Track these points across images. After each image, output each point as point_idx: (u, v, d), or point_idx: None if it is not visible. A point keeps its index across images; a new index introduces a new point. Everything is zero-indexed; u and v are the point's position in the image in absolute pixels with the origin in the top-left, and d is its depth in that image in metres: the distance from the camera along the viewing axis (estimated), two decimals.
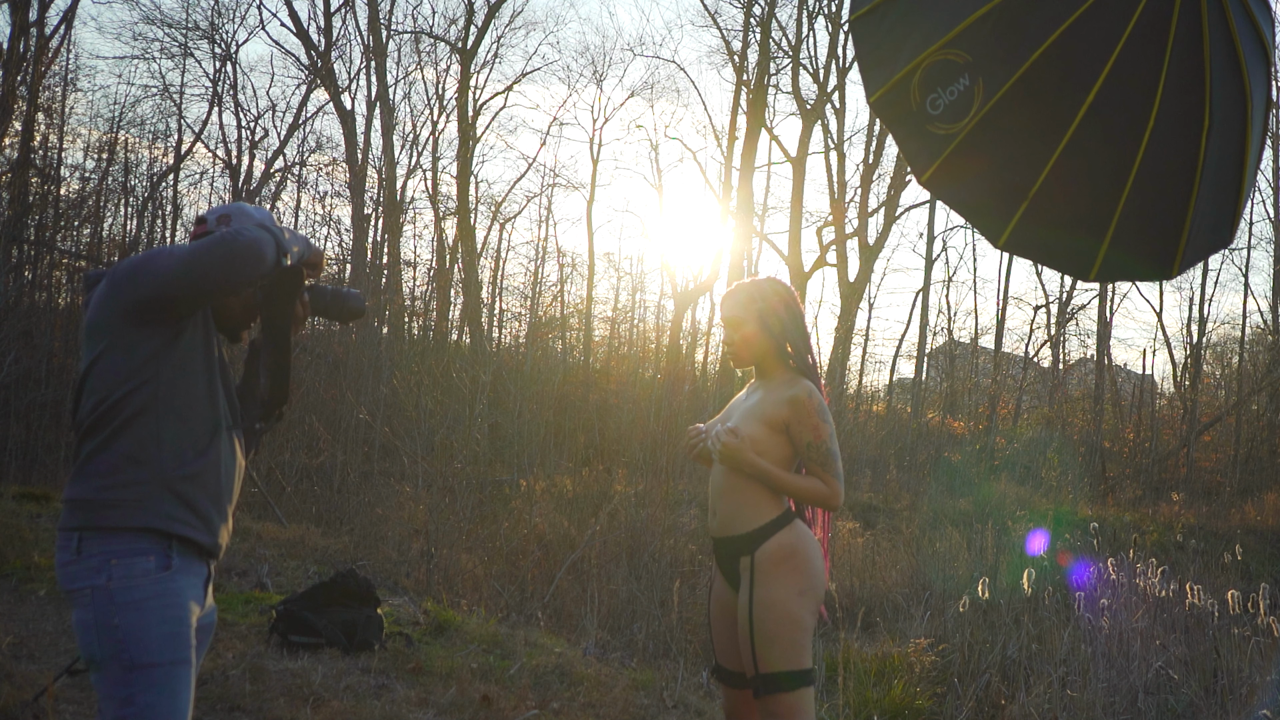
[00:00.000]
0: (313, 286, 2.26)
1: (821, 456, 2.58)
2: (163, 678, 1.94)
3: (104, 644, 1.93)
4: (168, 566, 1.98)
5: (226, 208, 2.20)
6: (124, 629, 1.92)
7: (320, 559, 7.48)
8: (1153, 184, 2.05)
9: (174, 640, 1.97)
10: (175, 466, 2.00)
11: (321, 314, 2.27)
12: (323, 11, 21.23)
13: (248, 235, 1.98)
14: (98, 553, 1.95)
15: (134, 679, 1.92)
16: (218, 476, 2.08)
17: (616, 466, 12.34)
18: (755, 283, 2.77)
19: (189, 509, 2.02)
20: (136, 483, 1.97)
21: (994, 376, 23.47)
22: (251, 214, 2.19)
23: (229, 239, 1.96)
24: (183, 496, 2.01)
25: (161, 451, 1.99)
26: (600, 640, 5.85)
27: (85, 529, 1.96)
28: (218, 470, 2.08)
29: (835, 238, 21.66)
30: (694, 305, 22.67)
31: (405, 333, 19.44)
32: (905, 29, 2.16)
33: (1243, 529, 13.20)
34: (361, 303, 2.31)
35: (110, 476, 1.97)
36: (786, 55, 21.33)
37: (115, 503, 1.96)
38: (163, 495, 1.99)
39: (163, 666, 1.94)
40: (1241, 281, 31.94)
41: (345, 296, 2.29)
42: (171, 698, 1.95)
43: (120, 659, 1.92)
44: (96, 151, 18.64)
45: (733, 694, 2.77)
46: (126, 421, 1.98)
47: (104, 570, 1.94)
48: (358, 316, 2.31)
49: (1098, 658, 5.44)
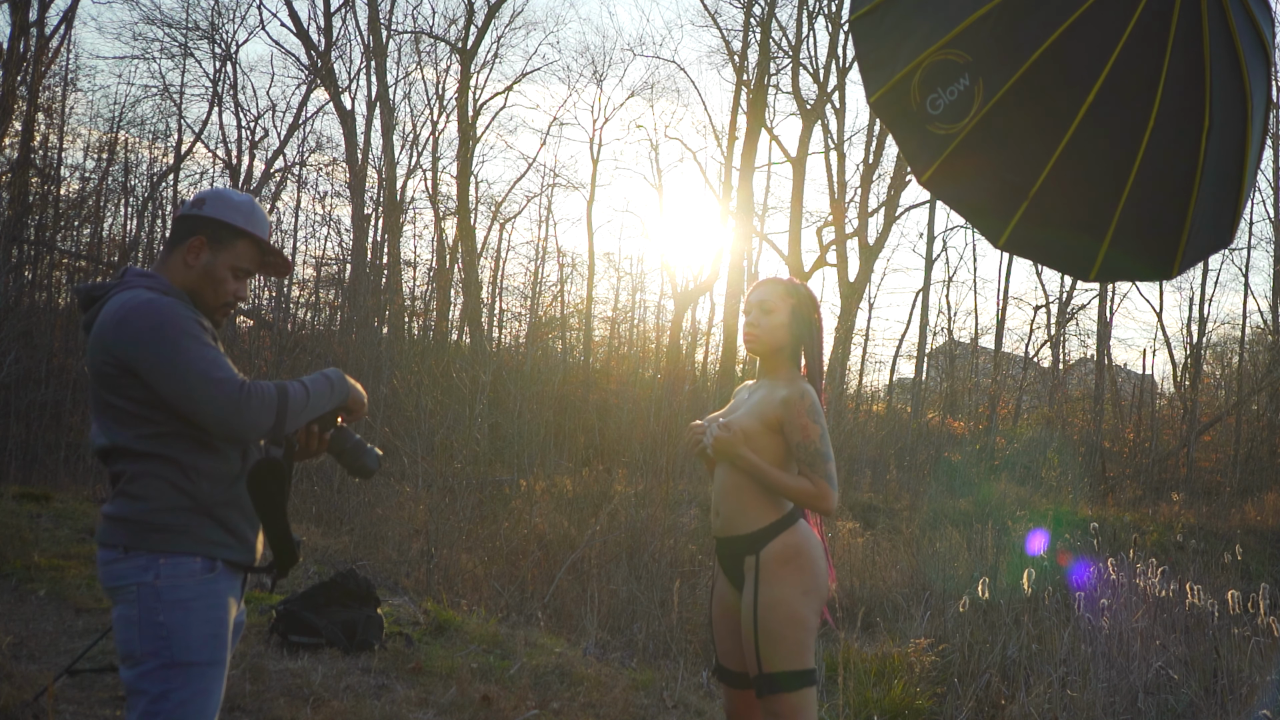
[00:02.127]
0: (340, 429, 2.23)
1: (810, 456, 2.59)
2: (199, 677, 1.99)
3: (146, 640, 1.97)
4: (213, 569, 2.04)
5: (208, 192, 2.18)
6: (169, 626, 1.97)
7: (320, 559, 7.48)
8: (1153, 184, 2.05)
9: (214, 641, 2.02)
10: (213, 493, 2.05)
11: (334, 455, 2.23)
12: (323, 11, 21.24)
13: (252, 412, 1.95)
14: (143, 553, 2.00)
15: (172, 675, 1.96)
16: (248, 496, 2.13)
17: (616, 466, 12.34)
18: (793, 282, 2.82)
19: (229, 532, 2.07)
20: (180, 509, 2.01)
21: (994, 376, 23.47)
22: (230, 201, 2.16)
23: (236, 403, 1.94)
24: (223, 521, 2.06)
25: (200, 480, 2.03)
26: (600, 640, 5.85)
27: (131, 547, 2.00)
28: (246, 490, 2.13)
29: (835, 238, 21.66)
30: (694, 305, 22.71)
31: (405, 333, 19.44)
32: (905, 29, 2.16)
33: (1243, 529, 13.21)
34: (377, 464, 2.25)
35: (154, 501, 2.01)
36: (786, 55, 21.34)
37: (161, 527, 2.00)
38: (205, 522, 2.04)
39: (201, 666, 1.99)
40: (1241, 281, 32.02)
41: (366, 453, 2.23)
42: (205, 697, 2.00)
43: (161, 655, 1.96)
44: (96, 151, 18.66)
45: (734, 694, 2.77)
46: (164, 452, 2.01)
47: (152, 568, 1.98)
48: (366, 477, 2.27)
49: (1098, 658, 5.44)
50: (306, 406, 2.07)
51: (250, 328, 17.81)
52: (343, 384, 2.18)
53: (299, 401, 2.05)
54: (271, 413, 1.99)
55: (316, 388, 2.11)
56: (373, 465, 2.24)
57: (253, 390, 1.96)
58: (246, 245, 2.17)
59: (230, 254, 2.15)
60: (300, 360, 15.15)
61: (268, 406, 1.98)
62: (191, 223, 2.14)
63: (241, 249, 2.16)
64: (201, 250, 2.13)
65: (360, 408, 2.24)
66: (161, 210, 19.66)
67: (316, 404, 2.10)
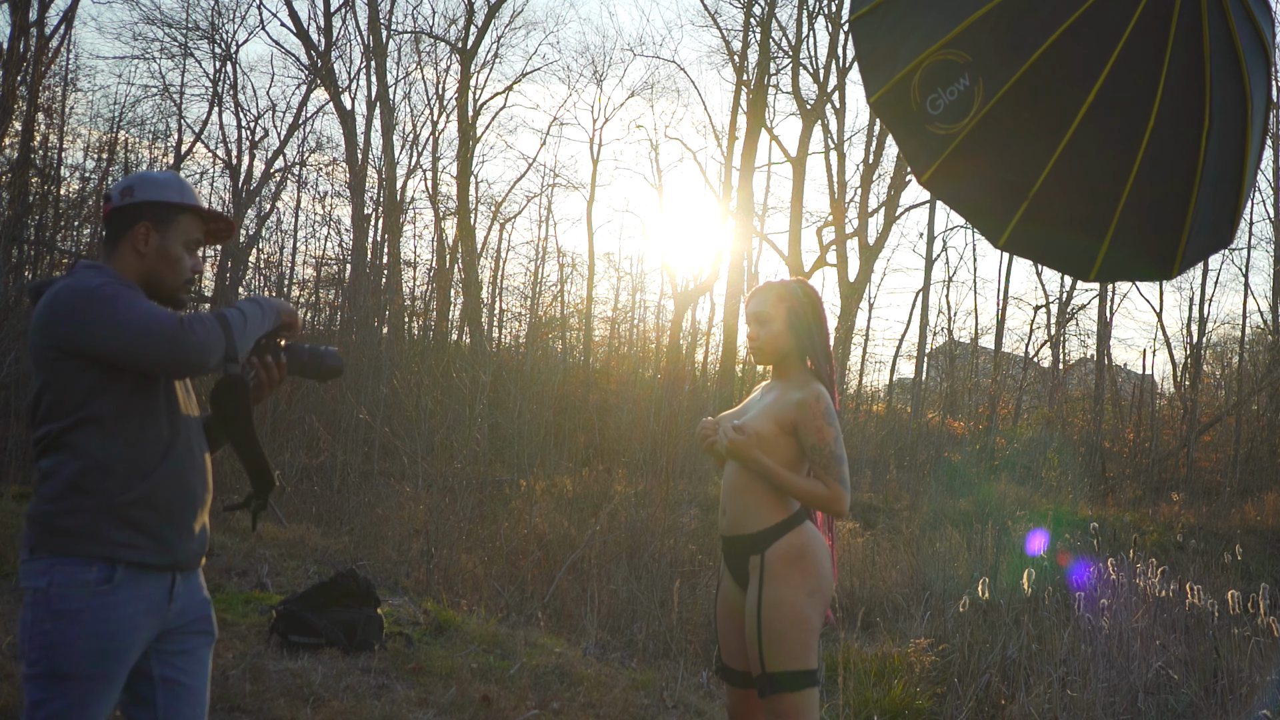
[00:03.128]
0: (290, 345, 2.24)
1: (825, 459, 2.59)
2: (77, 690, 1.94)
3: (32, 647, 1.94)
4: (109, 580, 1.98)
5: (131, 179, 2.17)
6: (53, 636, 1.93)
7: (320, 559, 7.48)
8: (1153, 184, 2.05)
9: (100, 655, 1.96)
10: (121, 492, 1.99)
11: (299, 373, 2.24)
12: (323, 11, 21.26)
13: (198, 338, 1.94)
14: (45, 555, 1.97)
15: (50, 685, 1.93)
16: (172, 493, 2.07)
17: (616, 466, 12.34)
18: (785, 283, 2.80)
19: (138, 532, 2.01)
20: (83, 510, 1.97)
21: (994, 376, 23.47)
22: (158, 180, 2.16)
23: (179, 336, 1.93)
24: (131, 521, 2.00)
25: (108, 480, 1.98)
26: (600, 640, 5.85)
27: (36, 549, 1.98)
28: (173, 486, 2.07)
29: (835, 238, 21.65)
30: (694, 305, 22.71)
31: (405, 333, 19.44)
32: (905, 29, 2.16)
33: (1243, 529, 13.21)
34: (339, 361, 2.28)
35: (58, 502, 1.98)
36: (786, 55, 21.34)
37: (60, 530, 1.96)
38: (111, 523, 1.98)
39: (80, 680, 1.94)
40: (1241, 281, 32.03)
41: (322, 355, 2.25)
42: (80, 711, 1.95)
43: (41, 664, 1.93)
44: (96, 151, 18.65)
45: (737, 693, 2.77)
46: (74, 450, 1.98)
47: (47, 574, 1.95)
48: (335, 375, 2.28)
49: (1098, 658, 5.44)
50: (246, 324, 2.05)
51: None
52: (269, 301, 2.17)
53: (238, 320, 2.04)
54: (218, 332, 1.97)
55: (247, 308, 2.10)
56: (337, 363, 2.26)
57: (193, 319, 1.96)
58: (189, 218, 2.19)
59: (177, 230, 2.16)
60: None
61: (212, 328, 1.97)
62: (129, 212, 2.14)
63: (185, 223, 2.18)
64: (149, 235, 2.13)
65: (295, 320, 2.23)
66: None
67: (255, 322, 2.09)
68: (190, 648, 2.16)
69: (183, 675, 2.15)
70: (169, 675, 2.12)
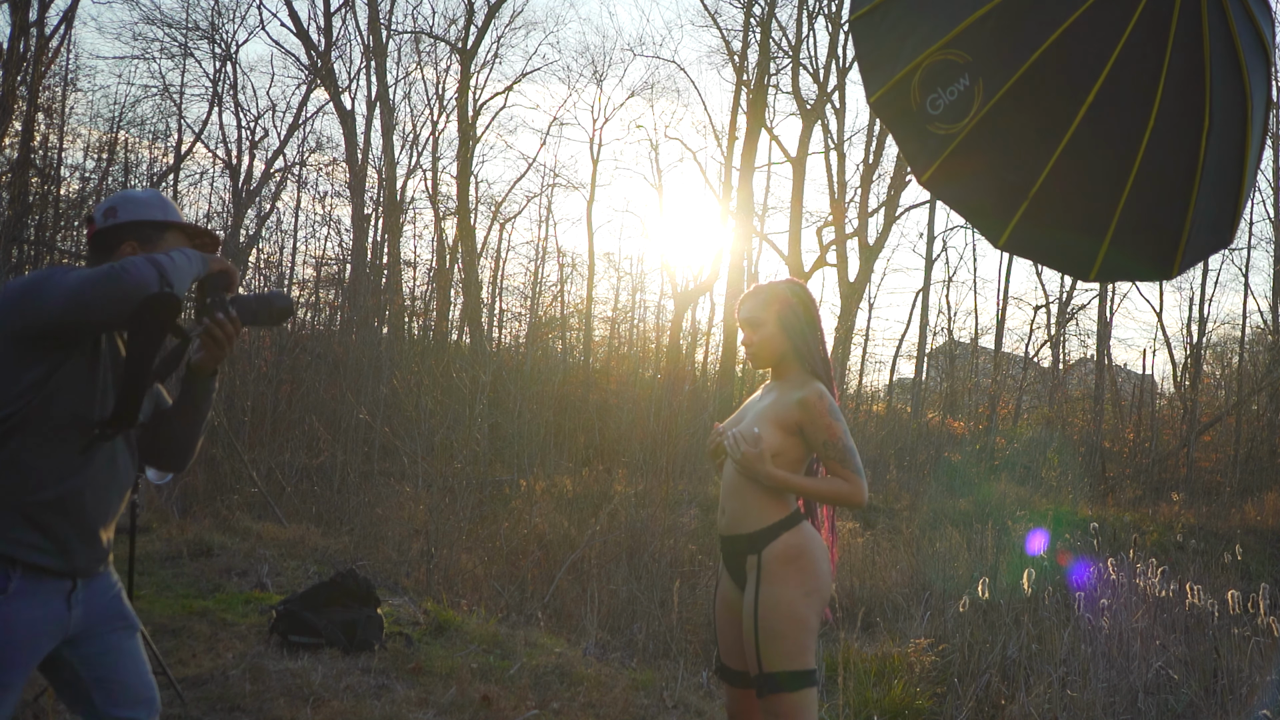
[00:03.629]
0: (236, 298, 2.20)
1: (839, 454, 2.59)
2: None
3: None
4: (3, 590, 1.94)
5: (112, 199, 2.17)
6: None
7: (320, 559, 7.48)
8: (1153, 184, 2.04)
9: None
10: (31, 492, 1.96)
11: (252, 323, 2.21)
12: (323, 11, 21.26)
13: (134, 275, 1.91)
14: None
15: None
16: (85, 501, 2.03)
17: (616, 466, 12.35)
18: (774, 285, 2.80)
19: (43, 534, 1.98)
20: None
21: (994, 376, 23.47)
22: (140, 200, 2.14)
23: (115, 276, 1.90)
24: (37, 522, 1.97)
25: (17, 476, 1.95)
26: (600, 640, 5.85)
27: None
28: (86, 494, 2.04)
29: (835, 238, 21.66)
30: (694, 305, 22.70)
31: (405, 333, 19.44)
32: (905, 29, 2.16)
33: (1243, 529, 13.21)
34: (288, 300, 2.26)
35: None
36: (786, 55, 21.34)
37: None
38: (14, 519, 1.95)
39: None
40: (1241, 281, 32.05)
41: (269, 298, 2.23)
42: None
43: None
44: (96, 151, 18.66)
45: (736, 693, 2.77)
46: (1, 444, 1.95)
47: None
48: (287, 315, 2.26)
49: (1098, 658, 5.44)
50: (175, 264, 2.00)
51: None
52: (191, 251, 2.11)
53: (167, 260, 1.98)
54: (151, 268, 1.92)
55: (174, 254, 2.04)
56: (286, 303, 2.25)
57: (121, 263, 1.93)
58: (175, 235, 2.18)
59: (164, 247, 2.14)
60: (300, 360, 15.16)
61: (144, 265, 1.93)
62: (114, 233, 2.12)
63: (170, 239, 2.17)
64: (135, 254, 2.10)
65: (228, 268, 2.18)
66: None
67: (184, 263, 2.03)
68: (111, 645, 2.13)
69: (112, 672, 2.12)
70: (98, 676, 2.10)
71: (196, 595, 5.88)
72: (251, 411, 12.44)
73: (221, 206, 21.04)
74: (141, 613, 4.41)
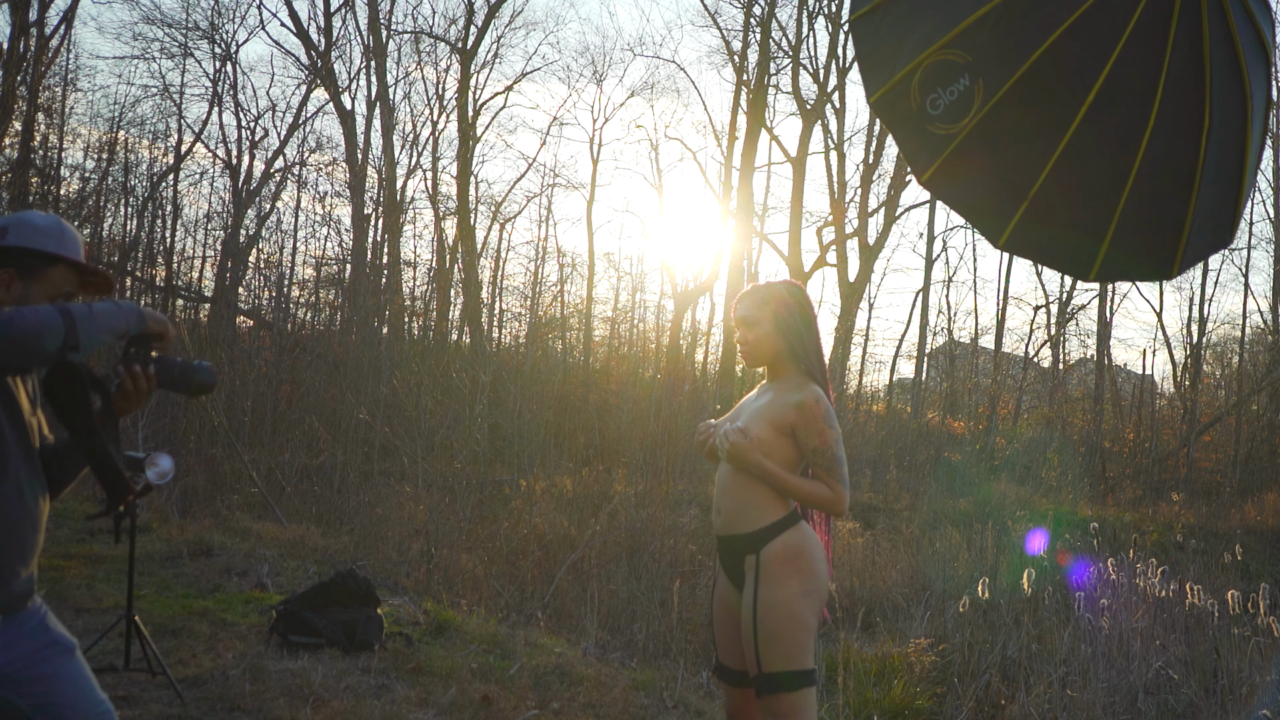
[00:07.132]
0: (160, 358, 2.08)
1: (827, 462, 2.59)
2: None
3: None
4: None
5: (9, 218, 2.03)
6: None
7: (320, 559, 7.48)
8: (1153, 184, 2.04)
9: None
10: None
11: (168, 386, 2.08)
12: (323, 11, 21.28)
13: (25, 323, 1.76)
14: None
15: None
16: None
17: (616, 466, 12.34)
18: (771, 285, 2.79)
19: None
20: None
21: (994, 376, 23.48)
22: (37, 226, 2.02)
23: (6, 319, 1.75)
24: None
25: None
26: (600, 640, 5.86)
27: None
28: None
29: (835, 238, 21.66)
30: (694, 305, 22.71)
31: (405, 333, 19.45)
32: (905, 29, 2.16)
33: (1243, 529, 13.21)
34: (212, 377, 2.12)
35: None
36: (786, 55, 21.35)
37: None
38: None
39: None
40: (1241, 281, 32.02)
41: (194, 370, 2.09)
42: None
43: None
44: (96, 151, 18.69)
45: (735, 693, 2.77)
46: None
47: None
48: (206, 391, 2.12)
49: (1098, 658, 5.44)
50: (93, 316, 1.86)
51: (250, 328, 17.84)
52: (130, 304, 1.96)
53: (83, 311, 1.84)
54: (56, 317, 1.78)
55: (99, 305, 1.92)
56: (209, 379, 2.12)
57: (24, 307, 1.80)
58: (61, 270, 2.02)
59: (45, 283, 2.00)
60: (300, 360, 15.16)
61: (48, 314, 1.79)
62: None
63: (56, 275, 2.02)
64: (12, 283, 1.98)
65: (166, 329, 2.05)
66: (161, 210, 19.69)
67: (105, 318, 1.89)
68: (46, 671, 2.05)
69: (52, 696, 2.05)
70: (38, 704, 2.04)
71: (196, 595, 5.88)
72: (251, 411, 12.44)
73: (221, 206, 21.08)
74: (142, 613, 4.42)
